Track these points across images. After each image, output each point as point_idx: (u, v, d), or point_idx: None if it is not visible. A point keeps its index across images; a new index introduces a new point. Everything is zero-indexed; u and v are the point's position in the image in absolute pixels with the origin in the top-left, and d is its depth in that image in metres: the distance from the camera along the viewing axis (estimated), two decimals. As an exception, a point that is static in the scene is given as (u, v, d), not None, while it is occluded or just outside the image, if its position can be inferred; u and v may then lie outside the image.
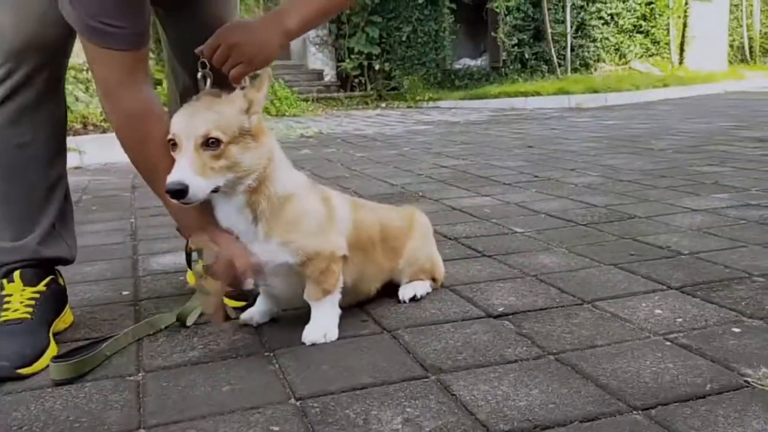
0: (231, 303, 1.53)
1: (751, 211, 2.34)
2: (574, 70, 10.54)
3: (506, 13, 9.96)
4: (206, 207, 1.30)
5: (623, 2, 11.12)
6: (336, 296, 1.39)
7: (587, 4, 10.69)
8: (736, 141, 4.32)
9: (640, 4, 11.37)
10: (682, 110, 7.16)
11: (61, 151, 1.45)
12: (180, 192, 1.16)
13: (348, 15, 10.78)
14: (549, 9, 10.11)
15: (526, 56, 10.24)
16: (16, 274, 1.38)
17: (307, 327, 1.38)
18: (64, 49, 1.41)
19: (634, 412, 1.04)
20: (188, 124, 1.20)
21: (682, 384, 1.12)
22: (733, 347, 1.25)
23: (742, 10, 13.67)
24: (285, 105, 9.02)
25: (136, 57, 1.26)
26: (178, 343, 1.40)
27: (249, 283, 1.31)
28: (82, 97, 5.42)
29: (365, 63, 11.18)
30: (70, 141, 4.59)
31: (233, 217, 1.29)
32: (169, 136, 1.22)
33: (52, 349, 1.33)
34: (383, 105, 10.69)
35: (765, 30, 14.33)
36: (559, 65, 10.24)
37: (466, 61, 10.96)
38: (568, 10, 10.23)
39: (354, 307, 1.52)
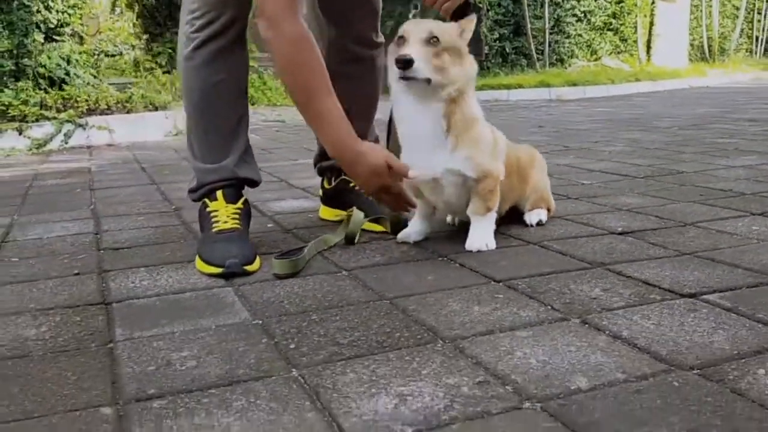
0: (372, 227, 1.74)
1: (783, 166, 2.66)
2: (551, 64, 10.96)
3: (488, 8, 10.30)
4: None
5: (595, 0, 11.60)
6: (494, 214, 1.63)
7: (563, 1, 11.12)
8: (731, 122, 4.69)
9: (610, 2, 11.88)
10: (659, 101, 7.58)
11: (245, 90, 1.64)
12: (407, 62, 1.41)
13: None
14: (528, 5, 10.49)
15: (507, 50, 10.60)
16: (219, 192, 1.57)
17: (470, 238, 1.61)
18: (249, 5, 1.60)
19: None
20: (416, 25, 1.47)
21: (809, 265, 1.39)
22: (835, 245, 1.53)
23: (701, 11, 14.36)
24: (276, 95, 9.11)
25: None
26: (355, 254, 1.60)
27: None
28: (93, 82, 5.49)
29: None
30: (100, 120, 4.71)
31: (429, 125, 1.51)
32: (399, 34, 1.47)
33: (258, 257, 1.52)
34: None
35: (722, 30, 15.08)
36: (538, 59, 10.64)
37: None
38: (546, 6, 10.63)
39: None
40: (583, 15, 11.47)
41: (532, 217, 1.81)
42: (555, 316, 1.15)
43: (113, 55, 7.34)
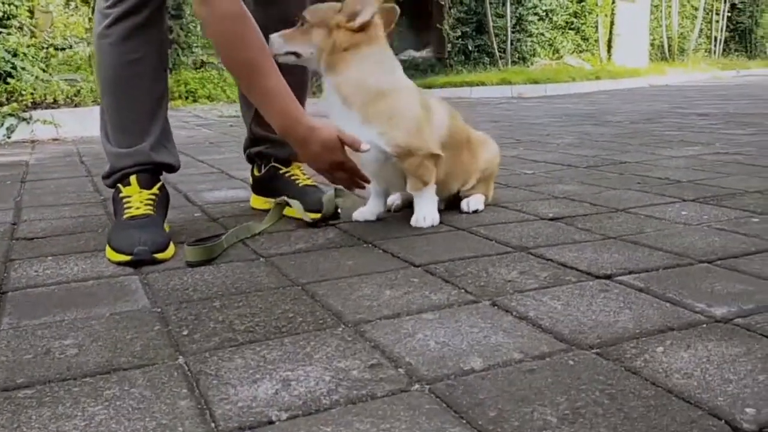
0: (311, 216, 1.69)
1: (723, 156, 2.68)
2: (513, 62, 11.01)
3: (450, 5, 10.31)
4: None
5: (557, -1, 11.70)
6: (432, 187, 1.63)
7: (524, 0, 11.18)
8: (682, 116, 4.75)
9: (571, 1, 11.99)
10: (619, 98, 7.66)
11: (164, 68, 1.58)
12: None
13: None
14: (490, 3, 10.53)
15: (470, 48, 10.63)
16: (133, 178, 1.50)
17: (415, 215, 1.63)
18: None
19: (700, 263, 1.28)
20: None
21: (731, 248, 1.37)
22: (761, 229, 1.52)
23: (661, 11, 14.59)
24: (237, 91, 8.99)
25: None
26: (278, 242, 1.55)
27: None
28: (42, 76, 5.33)
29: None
30: (46, 114, 4.57)
31: (329, 98, 1.56)
32: None
33: (172, 244, 1.45)
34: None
35: (682, 30, 15.34)
36: (500, 57, 10.68)
37: (411, 53, 11.25)
38: (508, 4, 10.68)
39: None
40: (545, 14, 11.55)
41: (470, 203, 1.78)
42: (466, 299, 1.12)
43: (63, 49, 7.16)
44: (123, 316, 1.09)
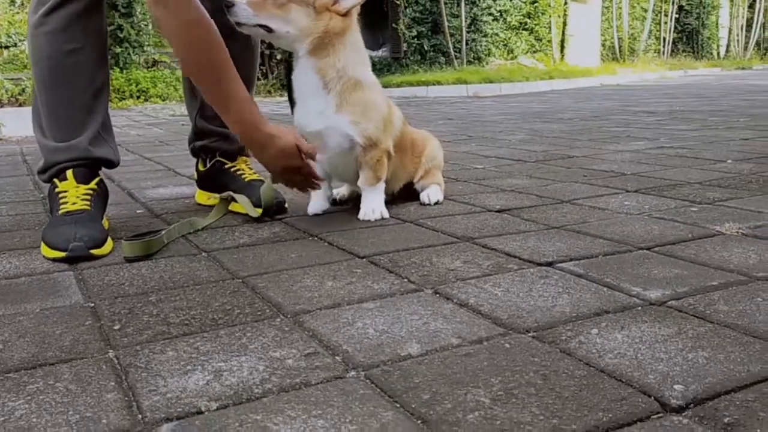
0: (257, 210, 1.67)
1: (666, 150, 2.74)
2: (469, 62, 11.10)
3: (406, 5, 10.34)
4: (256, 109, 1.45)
5: (510, 0, 11.84)
6: (383, 184, 1.64)
7: (479, 1, 11.28)
8: (631, 114, 4.85)
9: (525, 2, 12.14)
10: (571, 97, 7.79)
11: (105, 59, 1.53)
12: (227, 8, 1.42)
13: None
14: (445, 3, 10.59)
15: (425, 48, 10.67)
16: (69, 172, 1.45)
17: (362, 208, 1.63)
18: None
19: (639, 249, 1.30)
20: None
21: (669, 235, 1.40)
22: (697, 217, 1.56)
23: (612, 13, 14.90)
24: (171, 88, 8.76)
25: None
26: (221, 236, 1.52)
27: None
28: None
29: (267, 52, 11.17)
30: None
31: (306, 78, 1.52)
32: None
33: (110, 240, 1.41)
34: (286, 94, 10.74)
35: (632, 31, 15.69)
36: (456, 57, 10.75)
37: (368, 52, 11.25)
38: (462, 5, 10.77)
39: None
40: (499, 14, 11.67)
41: (431, 196, 1.79)
42: (408, 288, 1.11)
43: (7, 47, 6.93)
44: (53, 311, 1.05)
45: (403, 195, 1.82)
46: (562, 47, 13.13)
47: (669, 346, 0.85)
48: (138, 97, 7.72)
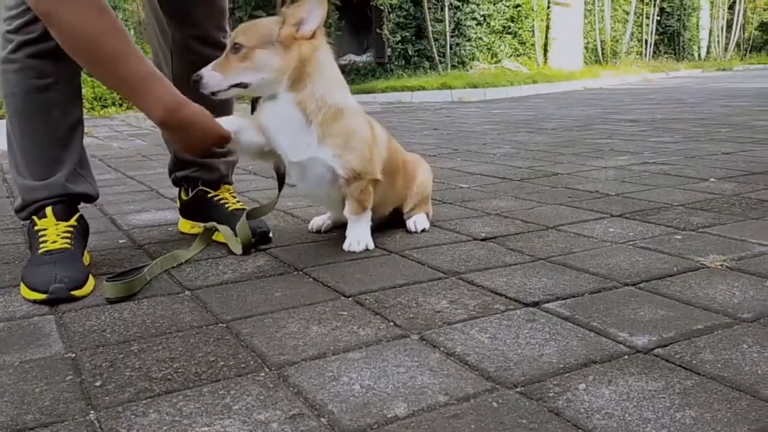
0: (220, 238, 1.66)
1: (651, 166, 2.76)
2: (453, 67, 11.12)
3: (390, 10, 10.33)
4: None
5: (494, 4, 11.88)
6: (369, 213, 1.63)
7: (462, 5, 11.31)
8: (613, 122, 4.88)
9: (508, 6, 12.19)
10: (554, 102, 7.83)
11: (78, 95, 1.50)
12: (195, 82, 1.42)
13: (231, 8, 10.68)
14: (429, 8, 10.60)
15: (410, 53, 10.68)
16: (48, 209, 1.43)
17: (348, 239, 1.61)
18: None
19: (625, 286, 1.30)
20: (236, 32, 1.45)
21: (654, 269, 1.40)
22: (682, 247, 1.56)
23: (594, 16, 15.01)
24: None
25: None
26: (205, 271, 1.50)
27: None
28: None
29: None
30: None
31: (288, 114, 1.48)
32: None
33: (91, 279, 1.39)
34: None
35: (614, 34, 15.82)
36: (440, 62, 10.77)
37: (351, 57, 11.23)
38: (446, 9, 10.79)
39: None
40: (482, 19, 11.70)
41: (417, 224, 1.77)
42: (395, 333, 1.10)
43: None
44: (34, 364, 1.03)
45: (390, 218, 1.81)
46: (546, 50, 13.20)
47: (656, 403, 0.84)
48: (121, 105, 7.64)
